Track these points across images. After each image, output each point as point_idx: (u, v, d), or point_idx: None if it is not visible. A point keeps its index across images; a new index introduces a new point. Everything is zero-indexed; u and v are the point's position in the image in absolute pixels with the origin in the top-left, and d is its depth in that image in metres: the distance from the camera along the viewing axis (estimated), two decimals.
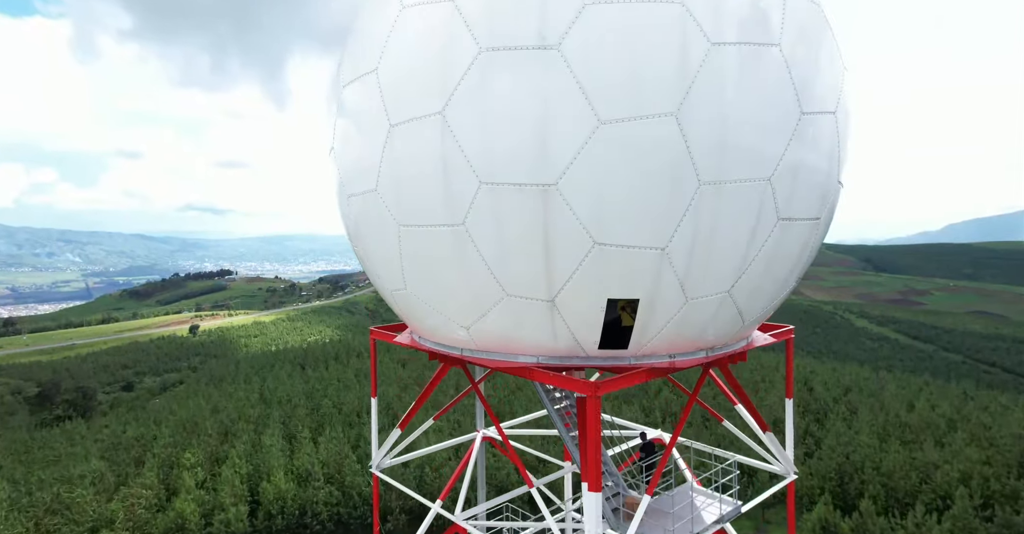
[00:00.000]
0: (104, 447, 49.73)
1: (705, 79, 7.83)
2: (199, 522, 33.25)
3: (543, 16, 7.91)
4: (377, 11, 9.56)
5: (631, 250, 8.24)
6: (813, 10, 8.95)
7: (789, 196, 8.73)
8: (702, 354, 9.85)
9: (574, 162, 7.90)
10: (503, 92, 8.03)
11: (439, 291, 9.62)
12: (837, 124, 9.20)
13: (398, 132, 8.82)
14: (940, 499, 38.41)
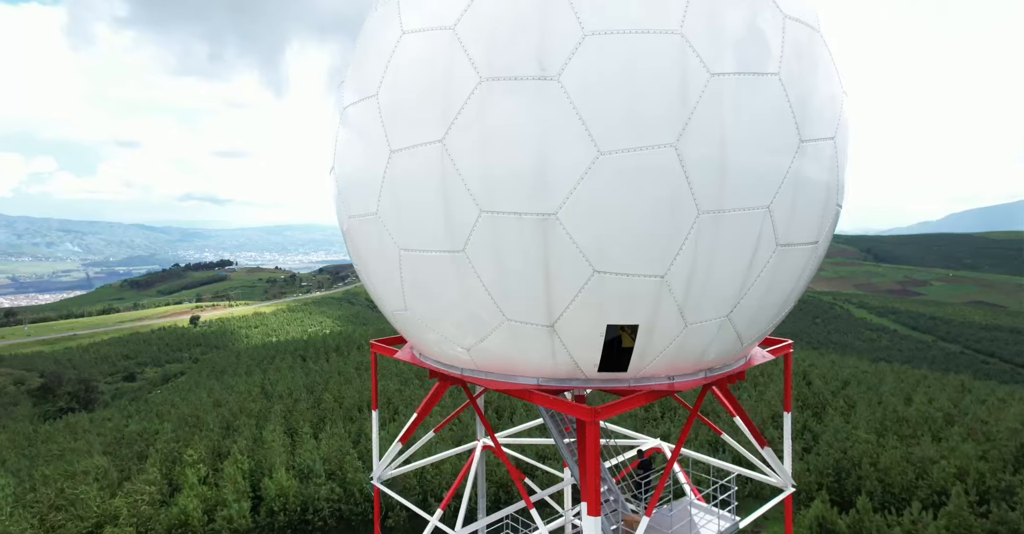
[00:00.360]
0: (107, 441, 50.06)
1: (704, 110, 7.83)
2: (202, 518, 33.58)
3: (543, 47, 7.89)
4: (378, 34, 9.52)
5: (631, 278, 8.28)
6: (812, 36, 8.91)
7: (788, 222, 8.75)
8: (701, 375, 9.92)
9: (574, 192, 7.92)
10: (503, 122, 8.02)
11: (439, 313, 9.67)
12: (836, 149, 9.20)
13: (399, 158, 8.82)
14: (936, 494, 38.73)
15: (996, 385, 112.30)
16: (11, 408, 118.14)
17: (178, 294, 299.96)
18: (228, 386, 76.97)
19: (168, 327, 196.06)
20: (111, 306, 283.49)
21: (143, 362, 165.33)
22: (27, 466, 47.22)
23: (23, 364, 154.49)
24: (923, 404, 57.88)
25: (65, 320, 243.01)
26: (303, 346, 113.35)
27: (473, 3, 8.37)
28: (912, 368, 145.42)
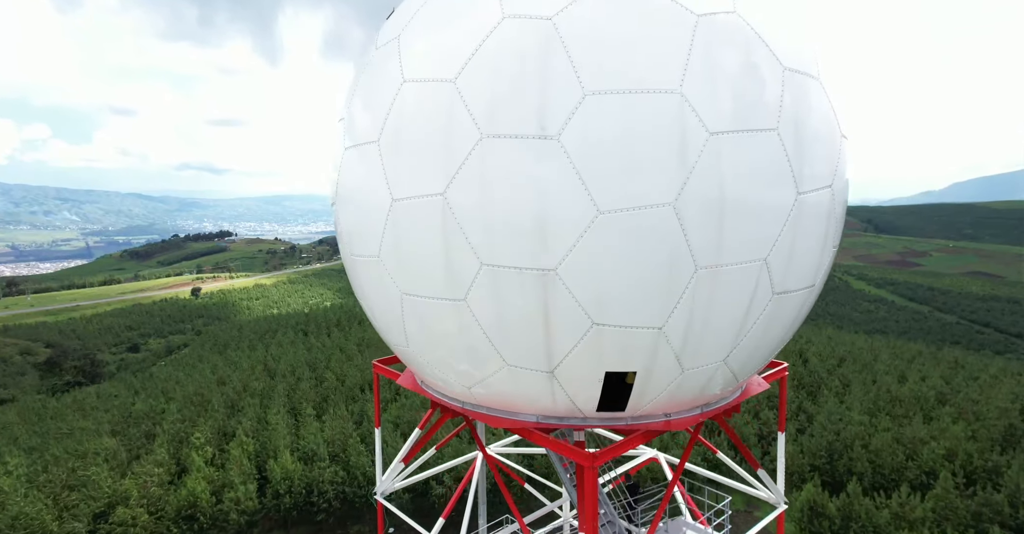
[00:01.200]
0: (115, 420, 51.06)
1: (703, 169, 7.83)
2: (210, 500, 34.57)
3: (543, 106, 7.84)
4: (379, 76, 9.44)
5: (629, 330, 8.41)
6: (811, 85, 8.84)
7: (784, 272, 8.83)
8: (697, 411, 10.15)
9: (573, 249, 7.98)
10: (504, 179, 8.03)
11: (440, 354, 9.85)
12: (834, 196, 9.21)
13: (400, 207, 8.84)
14: (925, 475, 39.78)
15: (989, 359, 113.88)
16: (18, 378, 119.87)
17: (178, 265, 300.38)
18: (231, 362, 77.96)
19: (170, 299, 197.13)
20: (112, 277, 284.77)
21: (146, 333, 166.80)
22: (39, 443, 48.26)
23: (28, 334, 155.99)
24: (916, 383, 58.80)
25: (67, 291, 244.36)
26: (304, 320, 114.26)
27: (474, 56, 8.26)
28: (907, 341, 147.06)
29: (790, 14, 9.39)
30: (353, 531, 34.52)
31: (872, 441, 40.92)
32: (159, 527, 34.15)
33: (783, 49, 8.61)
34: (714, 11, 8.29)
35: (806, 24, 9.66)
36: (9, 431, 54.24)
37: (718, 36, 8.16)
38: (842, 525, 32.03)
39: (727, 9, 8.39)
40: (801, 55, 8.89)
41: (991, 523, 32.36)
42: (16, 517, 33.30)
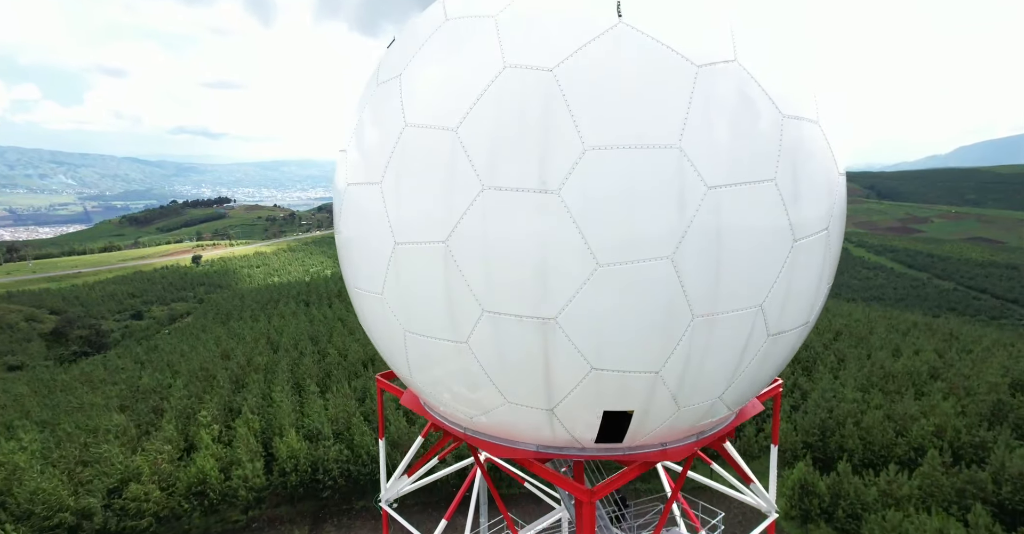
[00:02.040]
0: (123, 395, 52.15)
1: (701, 222, 7.94)
2: (219, 477, 35.71)
3: (544, 160, 7.88)
4: (381, 116, 9.43)
5: (627, 374, 8.67)
6: (810, 130, 8.83)
7: (779, 315, 9.03)
8: (693, 438, 10.52)
9: (573, 300, 8.16)
10: (505, 231, 8.14)
11: (442, 388, 10.16)
12: (829, 237, 9.34)
13: (403, 250, 8.97)
14: (914, 451, 40.95)
15: (984, 329, 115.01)
16: (25, 344, 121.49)
17: (178, 232, 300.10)
18: (234, 334, 78.92)
19: (171, 266, 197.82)
20: (112, 243, 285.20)
21: (149, 300, 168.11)
22: (50, 417, 49.40)
23: (32, 301, 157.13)
24: (910, 357, 59.73)
25: (68, 257, 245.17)
26: (305, 290, 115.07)
27: (476, 106, 8.25)
28: (904, 311, 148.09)
29: (790, 52, 9.30)
30: (358, 506, 35.84)
31: (864, 418, 41.95)
32: (171, 502, 35.41)
33: (782, 95, 8.58)
34: (714, 61, 8.22)
35: (806, 61, 9.59)
36: (21, 404, 55.42)
37: (718, 88, 8.13)
38: (831, 502, 33.23)
39: (727, 58, 8.32)
40: (801, 99, 8.86)
41: (974, 500, 33.53)
42: (34, 492, 34.45)
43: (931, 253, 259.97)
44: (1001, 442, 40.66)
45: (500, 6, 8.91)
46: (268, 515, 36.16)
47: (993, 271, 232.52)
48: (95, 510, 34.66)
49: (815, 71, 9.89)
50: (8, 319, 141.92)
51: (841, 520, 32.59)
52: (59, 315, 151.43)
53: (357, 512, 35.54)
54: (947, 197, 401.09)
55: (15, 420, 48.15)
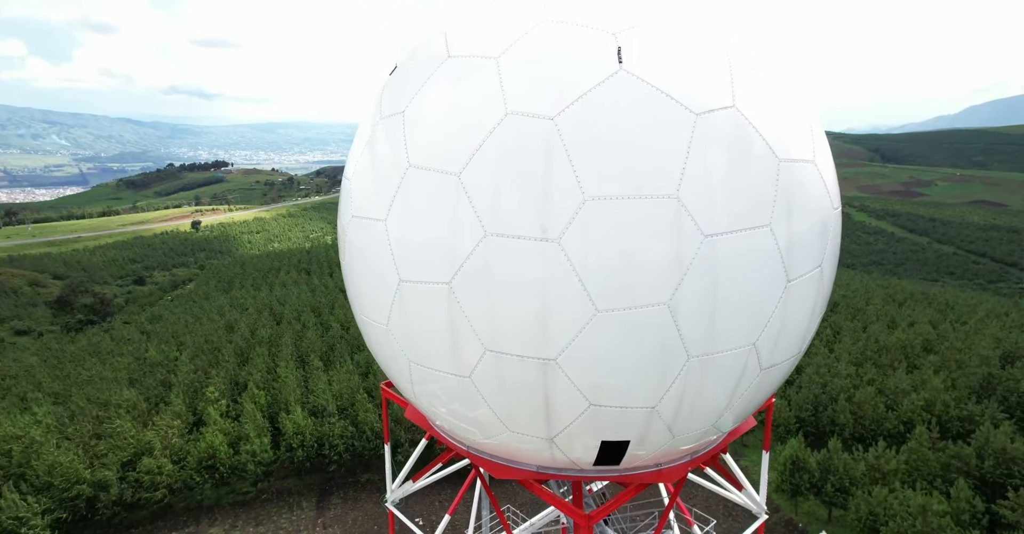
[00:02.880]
0: (131, 368, 53.26)
1: (697, 270, 8.17)
2: (228, 451, 36.95)
3: (545, 210, 8.04)
4: (384, 153, 9.53)
5: (624, 409, 9.07)
6: (807, 171, 8.95)
7: (772, 350, 9.37)
8: (687, 458, 11.03)
9: (573, 342, 8.47)
10: (506, 276, 8.37)
11: (446, 415, 10.59)
12: (823, 274, 9.56)
13: (408, 288, 9.22)
14: (903, 425, 42.18)
15: (980, 295, 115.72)
16: (30, 309, 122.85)
17: (176, 196, 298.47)
18: (237, 304, 79.88)
19: (171, 231, 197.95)
20: (111, 207, 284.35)
21: (150, 266, 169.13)
22: (62, 389, 50.67)
23: (34, 265, 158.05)
24: (904, 330, 60.66)
25: (67, 221, 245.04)
26: (306, 258, 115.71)
27: (478, 152, 8.35)
28: (902, 278, 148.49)
29: (789, 93, 9.34)
30: (363, 479, 37.22)
31: (857, 393, 43.03)
32: (183, 475, 36.78)
33: (779, 138, 8.68)
34: (712, 108, 8.28)
35: (804, 95, 9.65)
36: (32, 375, 56.70)
37: (716, 136, 8.22)
38: (820, 477, 34.49)
39: (725, 104, 8.37)
40: (797, 140, 8.97)
41: (958, 474, 34.79)
42: (52, 465, 35.73)
43: (933, 217, 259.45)
44: (987, 416, 41.81)
45: (502, 47, 8.87)
46: (276, 487, 37.61)
47: (994, 235, 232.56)
48: (111, 482, 36.03)
49: (813, 104, 9.94)
50: (12, 284, 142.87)
51: (830, 494, 33.91)
52: (62, 280, 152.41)
53: (362, 485, 36.93)
54: (953, 159, 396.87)
55: (28, 393, 49.39)
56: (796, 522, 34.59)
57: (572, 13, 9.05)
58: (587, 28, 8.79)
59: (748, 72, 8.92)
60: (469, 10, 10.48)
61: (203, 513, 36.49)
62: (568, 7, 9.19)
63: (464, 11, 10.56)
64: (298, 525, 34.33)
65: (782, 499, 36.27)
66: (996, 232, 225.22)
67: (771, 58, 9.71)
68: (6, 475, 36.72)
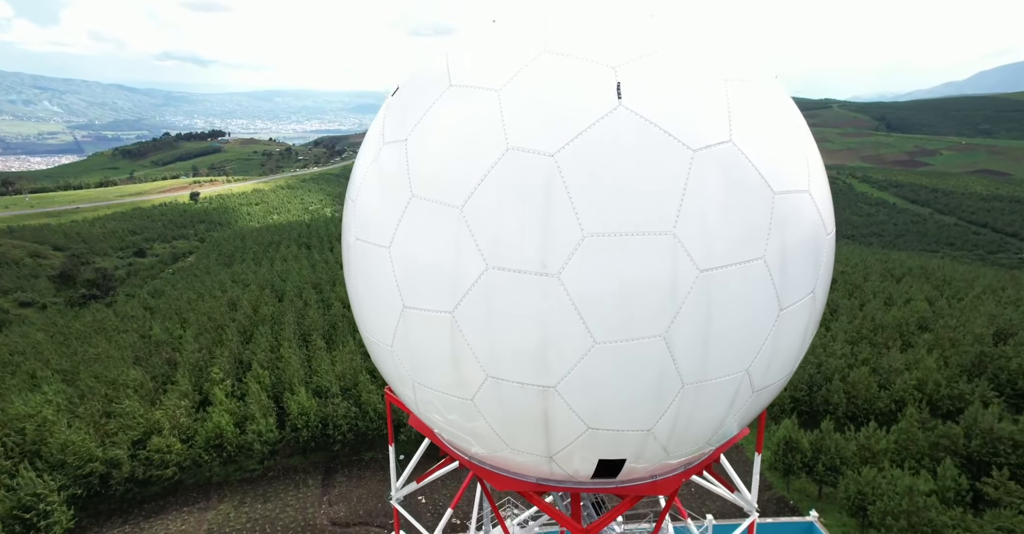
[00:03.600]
0: (136, 346, 54.00)
1: (692, 303, 8.43)
2: (234, 431, 37.90)
3: (545, 246, 8.25)
4: (387, 180, 9.68)
5: (621, 432, 9.46)
6: (801, 201, 9.10)
7: (764, 374, 9.70)
8: (682, 469, 11.51)
9: (571, 371, 8.80)
10: (508, 307, 8.63)
11: (448, 430, 11.00)
12: (815, 299, 9.82)
13: (411, 314, 9.50)
14: (895, 403, 43.11)
15: (978, 268, 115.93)
16: (32, 281, 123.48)
17: (173, 166, 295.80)
18: (238, 279, 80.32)
19: (169, 203, 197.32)
20: (107, 177, 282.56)
21: (150, 238, 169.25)
22: (70, 367, 51.45)
23: (34, 236, 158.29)
24: (900, 308, 61.26)
25: (65, 192, 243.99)
26: (306, 232, 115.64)
27: (480, 186, 8.50)
28: (901, 251, 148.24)
29: (785, 122, 9.44)
30: (367, 458, 38.29)
31: (851, 373, 43.83)
32: (192, 454, 37.83)
33: (775, 170, 8.81)
34: (709, 144, 8.40)
35: (800, 127, 9.75)
36: (40, 353, 57.49)
37: (712, 172, 8.36)
38: (812, 457, 35.49)
39: (722, 139, 8.48)
40: (793, 171, 9.10)
41: (946, 453, 35.80)
42: (65, 444, 36.73)
43: (935, 188, 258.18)
44: (977, 395, 42.68)
45: (503, 80, 8.92)
46: (282, 465, 38.73)
47: (996, 205, 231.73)
48: (122, 460, 37.10)
49: (808, 135, 10.05)
50: (13, 255, 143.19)
51: (820, 473, 34.96)
52: (62, 251, 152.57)
53: (366, 463, 38.01)
54: (958, 128, 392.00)
55: (38, 371, 50.20)
56: (788, 499, 35.78)
57: (573, 45, 9.07)
58: (587, 61, 8.83)
59: (745, 103, 9.00)
60: (471, 33, 10.47)
61: (212, 489, 37.72)
62: (569, 38, 9.21)
63: (466, 33, 10.54)
64: (304, 502, 35.55)
65: (775, 477, 37.41)
66: (998, 202, 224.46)
67: (769, 86, 9.78)
68: (22, 452, 37.81)
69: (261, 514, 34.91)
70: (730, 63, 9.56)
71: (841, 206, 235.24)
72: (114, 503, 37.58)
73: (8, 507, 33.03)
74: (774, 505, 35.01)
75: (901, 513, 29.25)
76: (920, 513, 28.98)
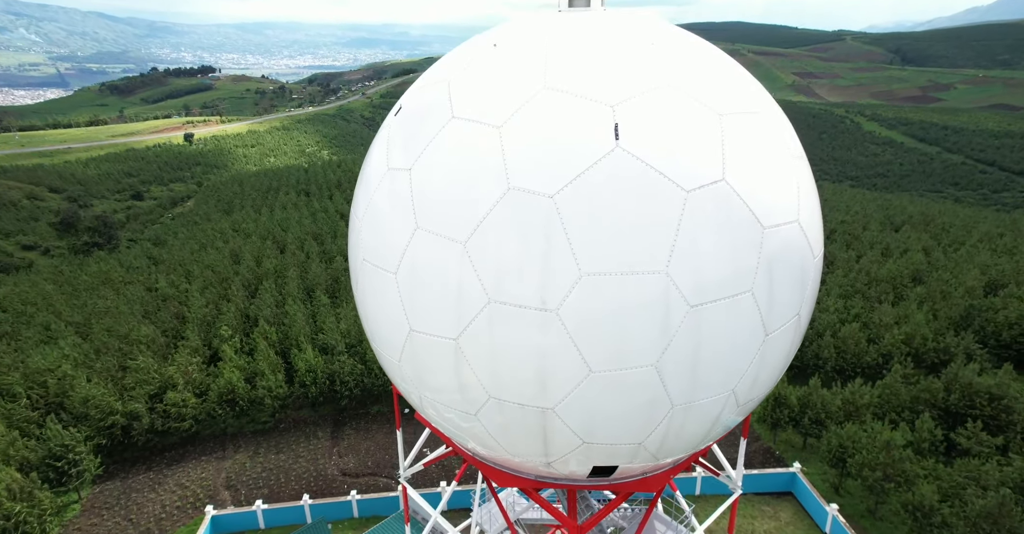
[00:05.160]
0: (144, 300, 55.06)
1: (682, 335, 8.97)
2: (245, 386, 39.52)
3: (544, 284, 8.69)
4: (391, 208, 9.95)
5: (614, 445, 10.28)
6: (790, 233, 9.43)
7: (750, 390, 10.39)
8: (671, 465, 12.46)
9: (568, 396, 9.46)
10: (509, 339, 9.17)
11: (452, 430, 11.82)
12: (800, 320, 10.35)
13: (418, 337, 10.05)
14: (882, 357, 44.58)
15: (980, 211, 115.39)
16: (32, 223, 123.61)
17: (164, 104, 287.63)
18: (240, 229, 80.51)
19: (163, 144, 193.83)
20: (97, 116, 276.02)
21: (146, 180, 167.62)
22: (82, 320, 52.73)
23: (28, 177, 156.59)
24: (896, 260, 61.87)
25: (55, 130, 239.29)
26: (304, 178, 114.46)
27: (482, 224, 8.81)
28: (904, 192, 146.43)
29: (779, 153, 9.62)
30: (373, 411, 40.13)
31: (842, 329, 45.04)
32: (206, 407, 39.63)
33: (766, 205, 9.10)
34: (703, 184, 8.65)
35: (793, 155, 9.92)
36: (51, 304, 58.61)
37: (705, 212, 8.65)
38: (799, 411, 37.24)
39: (715, 178, 8.72)
40: (784, 202, 9.38)
41: (926, 407, 37.53)
42: (86, 398, 38.45)
43: (946, 125, 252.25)
44: (962, 348, 44.03)
45: (504, 116, 9.03)
46: (293, 417, 40.67)
47: (1006, 142, 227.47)
48: (142, 413, 38.95)
49: (801, 158, 10.23)
50: (9, 196, 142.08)
51: (806, 426, 36.80)
52: (59, 193, 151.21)
53: (373, 416, 39.91)
54: (977, 59, 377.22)
55: (52, 323, 51.48)
56: (774, 450, 37.88)
57: (572, 80, 9.11)
58: (586, 99, 8.91)
59: (740, 138, 9.16)
60: (471, 57, 10.39)
61: (228, 440, 39.85)
62: (569, 71, 9.23)
63: (467, 57, 10.46)
64: (315, 453, 37.69)
65: (763, 429, 39.40)
66: (1009, 139, 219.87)
67: (766, 114, 9.87)
68: (47, 405, 39.64)
69: (275, 464, 37.13)
70: (728, 93, 9.62)
71: (847, 146, 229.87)
72: (137, 451, 39.80)
73: (40, 456, 35.14)
74: (761, 455, 37.15)
75: (878, 465, 31.16)
76: (895, 465, 30.88)
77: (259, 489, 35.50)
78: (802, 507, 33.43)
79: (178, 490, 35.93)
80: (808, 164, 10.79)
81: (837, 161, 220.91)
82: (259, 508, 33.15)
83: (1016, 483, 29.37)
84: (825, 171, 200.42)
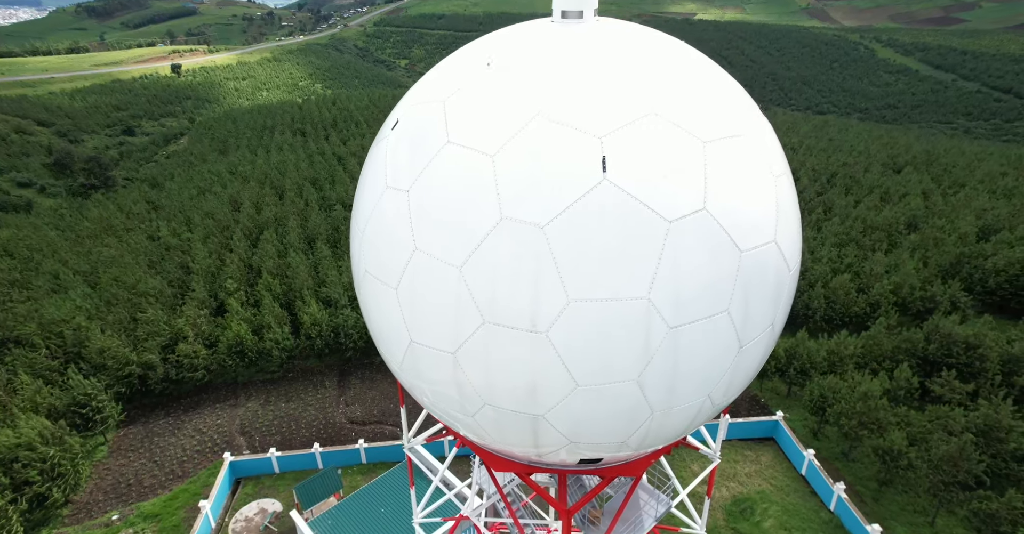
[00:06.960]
0: (149, 251, 55.69)
1: (662, 353, 9.74)
2: (253, 338, 40.97)
3: (535, 308, 9.35)
4: (391, 228, 10.41)
5: (598, 443, 11.30)
6: (767, 253, 9.94)
7: (724, 395, 11.28)
8: (652, 450, 13.59)
9: (557, 406, 10.35)
10: (502, 355, 9.93)
11: (451, 421, 12.84)
12: (774, 328, 11.06)
13: (418, 348, 10.82)
14: (870, 306, 45.81)
15: (987, 147, 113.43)
16: (24, 159, 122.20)
17: (146, 30, 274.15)
18: (236, 171, 79.76)
19: (150, 75, 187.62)
20: (77, 42, 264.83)
21: (136, 115, 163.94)
22: (89, 270, 53.56)
23: (14, 110, 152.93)
24: (894, 206, 61.88)
25: (34, 57, 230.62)
26: (299, 116, 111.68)
27: (477, 250, 9.33)
28: (912, 125, 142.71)
29: (760, 175, 9.96)
30: (377, 361, 41.78)
31: (833, 279, 45.94)
32: (216, 358, 41.30)
33: (744, 229, 9.56)
34: (684, 214, 9.09)
35: (773, 175, 10.24)
36: (56, 252, 59.25)
37: (685, 241, 9.15)
38: (786, 362, 38.86)
39: (696, 208, 9.15)
40: (762, 224, 9.84)
41: (906, 356, 39.14)
42: (102, 349, 40.07)
43: (965, 49, 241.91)
44: (947, 296, 45.11)
45: (497, 144, 9.31)
46: (300, 367, 42.44)
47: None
48: (156, 364, 40.70)
49: (783, 175, 10.55)
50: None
51: (791, 376, 38.54)
52: (47, 126, 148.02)
53: (377, 366, 41.63)
54: None
55: (60, 272, 52.40)
56: (759, 397, 39.87)
57: (563, 110, 9.33)
58: (576, 130, 9.18)
59: (723, 165, 9.52)
60: (466, 76, 10.46)
61: (239, 389, 41.81)
62: (559, 101, 9.42)
63: (461, 77, 10.53)
64: (324, 402, 39.70)
65: None
66: None
67: (750, 136, 10.12)
68: (65, 354, 41.31)
69: (285, 412, 39.23)
70: (713, 117, 9.84)
71: (858, 76, 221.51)
72: (155, 398, 41.90)
73: (66, 403, 37.17)
74: (747, 403, 39.18)
75: (854, 414, 33.06)
76: (870, 414, 32.77)
77: (272, 435, 37.79)
78: (782, 451, 35.77)
79: (196, 435, 38.24)
80: (791, 178, 11.12)
81: (847, 92, 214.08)
82: (273, 455, 35.49)
83: (979, 428, 31.31)
84: (834, 103, 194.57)
